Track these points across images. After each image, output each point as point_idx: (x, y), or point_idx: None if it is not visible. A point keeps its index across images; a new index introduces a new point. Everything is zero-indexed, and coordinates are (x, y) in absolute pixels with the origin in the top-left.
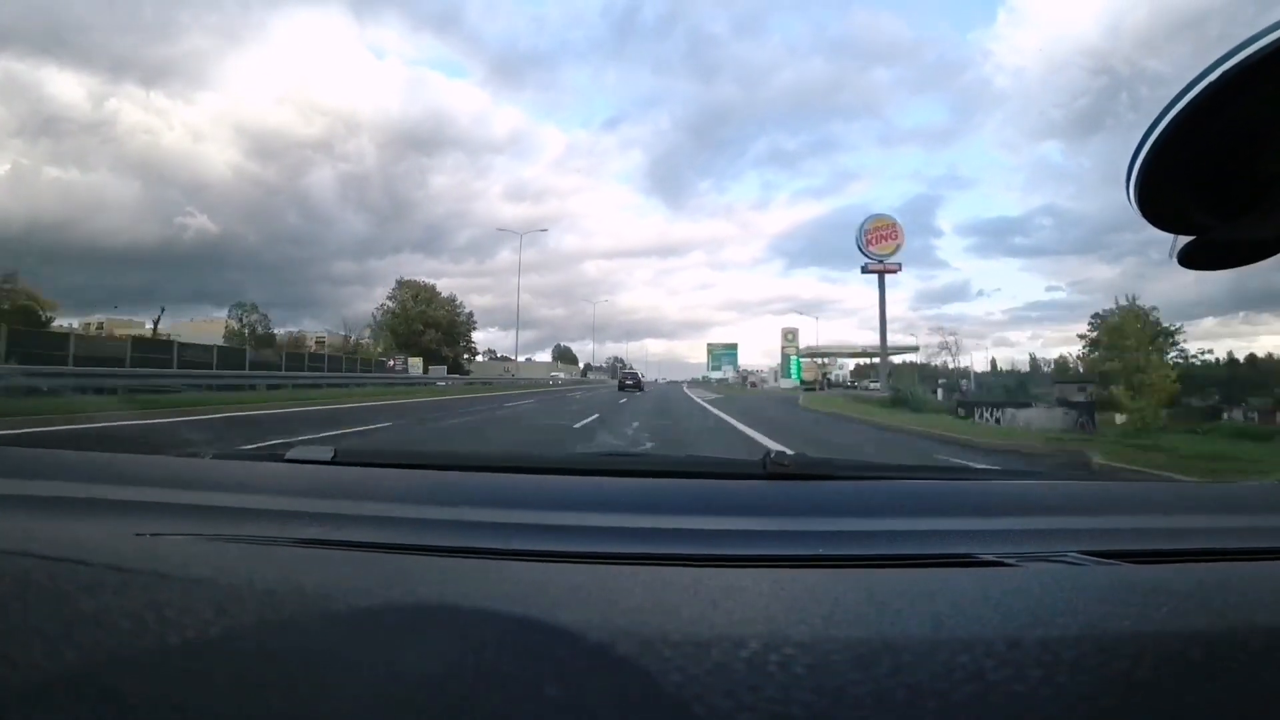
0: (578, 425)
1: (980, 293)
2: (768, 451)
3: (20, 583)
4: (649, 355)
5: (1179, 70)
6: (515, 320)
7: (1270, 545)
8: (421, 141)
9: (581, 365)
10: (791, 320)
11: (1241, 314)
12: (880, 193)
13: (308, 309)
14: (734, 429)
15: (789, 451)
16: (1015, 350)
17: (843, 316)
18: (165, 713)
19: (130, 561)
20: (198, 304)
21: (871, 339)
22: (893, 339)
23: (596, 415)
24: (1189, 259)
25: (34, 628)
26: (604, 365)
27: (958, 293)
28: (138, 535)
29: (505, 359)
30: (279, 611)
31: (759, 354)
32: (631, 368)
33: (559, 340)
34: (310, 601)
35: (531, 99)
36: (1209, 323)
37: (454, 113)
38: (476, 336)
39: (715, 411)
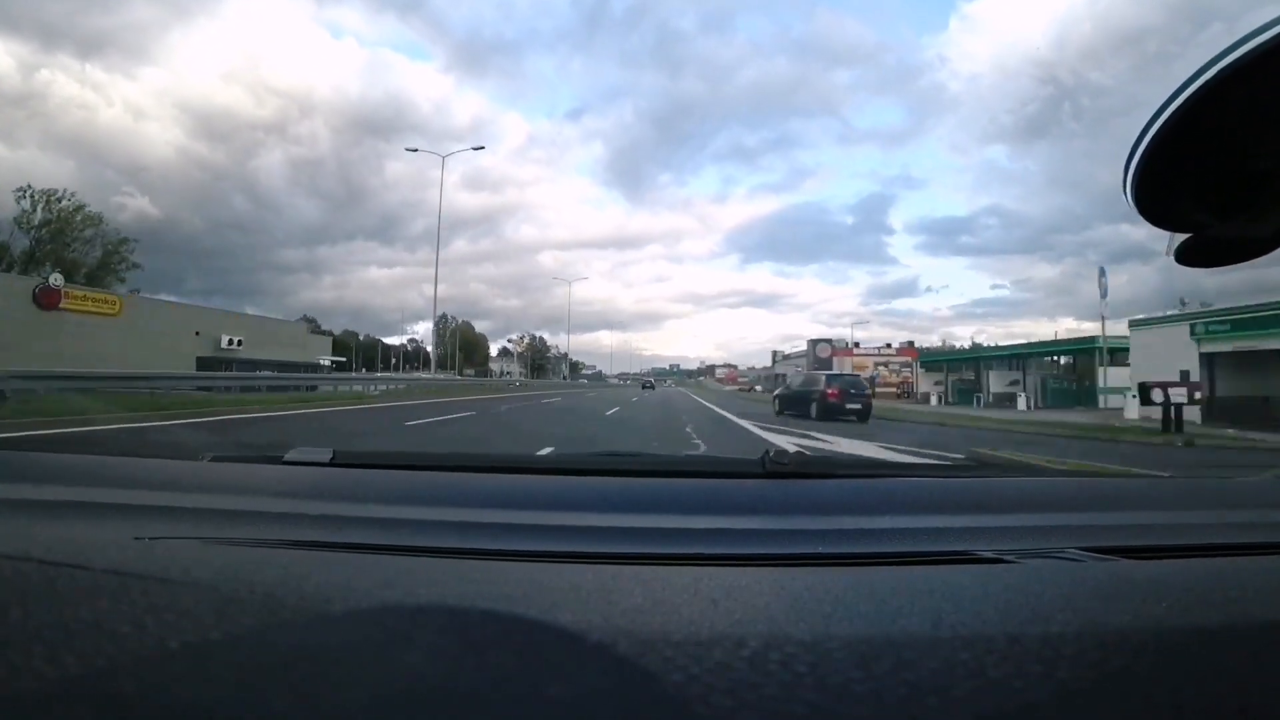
0: None
1: (929, 289)
2: (766, 450)
3: (19, 588)
4: (602, 346)
5: (1119, 82)
6: (473, 311)
7: (1267, 540)
8: (379, 126)
9: (496, 358)
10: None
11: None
12: (836, 190)
13: (251, 297)
14: None
15: (788, 450)
16: (963, 344)
17: (796, 310)
18: (166, 717)
19: (129, 565)
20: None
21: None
22: (844, 333)
23: None
24: (1185, 256)
25: (33, 633)
26: (510, 349)
27: (907, 288)
28: (137, 539)
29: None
30: (279, 614)
31: (711, 347)
32: (650, 377)
33: (521, 332)
34: (310, 603)
35: (495, 86)
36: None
37: (414, 97)
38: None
39: None
